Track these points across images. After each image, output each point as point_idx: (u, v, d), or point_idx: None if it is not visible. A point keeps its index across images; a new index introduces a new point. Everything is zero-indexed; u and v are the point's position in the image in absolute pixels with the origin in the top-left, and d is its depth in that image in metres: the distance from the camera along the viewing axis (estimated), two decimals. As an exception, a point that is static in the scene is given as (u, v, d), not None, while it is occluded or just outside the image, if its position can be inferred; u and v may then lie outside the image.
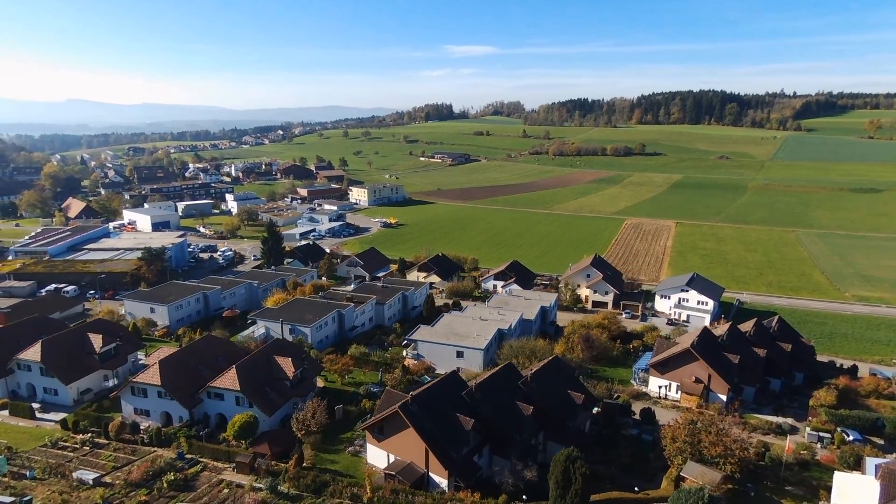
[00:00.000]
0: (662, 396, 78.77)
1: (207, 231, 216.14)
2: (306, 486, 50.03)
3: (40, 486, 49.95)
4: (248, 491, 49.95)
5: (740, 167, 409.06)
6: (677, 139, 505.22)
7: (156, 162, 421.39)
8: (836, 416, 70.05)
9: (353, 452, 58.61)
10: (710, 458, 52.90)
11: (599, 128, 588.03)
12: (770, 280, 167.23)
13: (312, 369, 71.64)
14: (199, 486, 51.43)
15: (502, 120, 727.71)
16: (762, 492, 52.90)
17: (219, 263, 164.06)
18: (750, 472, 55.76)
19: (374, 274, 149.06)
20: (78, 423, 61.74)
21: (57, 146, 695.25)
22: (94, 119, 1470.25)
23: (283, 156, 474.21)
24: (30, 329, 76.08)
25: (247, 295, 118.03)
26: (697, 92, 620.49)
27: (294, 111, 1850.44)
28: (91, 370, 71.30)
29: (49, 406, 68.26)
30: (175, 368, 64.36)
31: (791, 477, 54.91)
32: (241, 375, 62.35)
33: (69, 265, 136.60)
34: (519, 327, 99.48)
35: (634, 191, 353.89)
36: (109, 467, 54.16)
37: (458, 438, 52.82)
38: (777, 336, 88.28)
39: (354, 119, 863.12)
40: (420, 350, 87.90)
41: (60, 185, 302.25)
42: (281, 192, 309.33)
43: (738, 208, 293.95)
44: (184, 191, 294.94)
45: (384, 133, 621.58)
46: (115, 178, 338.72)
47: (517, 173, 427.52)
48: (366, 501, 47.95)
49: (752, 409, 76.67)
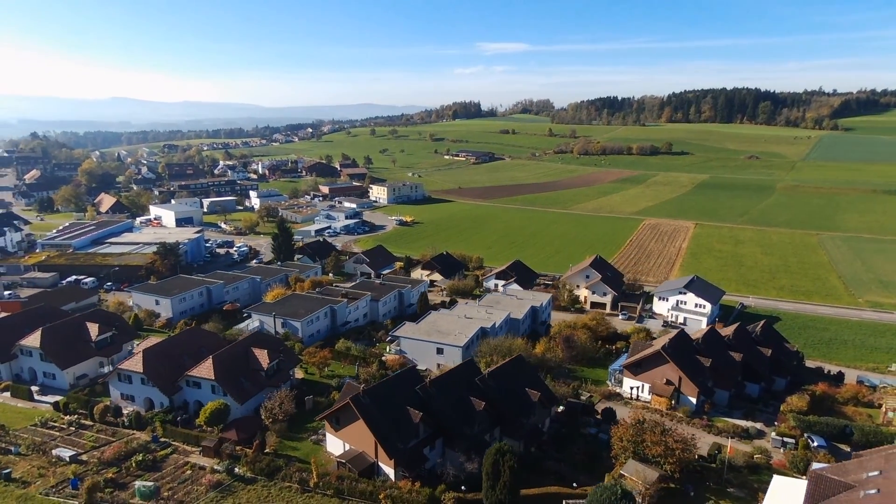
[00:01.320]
0: (634, 397, 79.65)
1: (228, 227, 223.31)
2: (261, 470, 53.38)
3: (22, 462, 54.63)
4: (208, 472, 53.57)
5: (770, 167, 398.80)
6: (706, 138, 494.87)
7: (188, 159, 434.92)
8: (804, 422, 69.87)
9: (315, 441, 61.82)
10: (651, 457, 54.13)
11: (627, 126, 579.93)
12: (782, 284, 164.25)
13: (289, 361, 75.18)
14: (166, 466, 55.34)
15: (530, 118, 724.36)
16: (702, 492, 53.85)
17: (233, 259, 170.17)
18: (696, 472, 56.75)
19: (378, 271, 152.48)
20: (68, 405, 66.66)
21: (99, 143, 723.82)
22: (136, 116, 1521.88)
23: (310, 153, 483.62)
24: (36, 317, 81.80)
25: (250, 289, 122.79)
26: (731, 90, 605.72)
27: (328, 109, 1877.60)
28: (87, 357, 76.43)
29: (47, 389, 73.64)
30: (158, 358, 68.70)
31: (735, 479, 55.64)
32: (216, 365, 66.24)
33: (89, 258, 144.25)
34: (506, 326, 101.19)
35: (657, 191, 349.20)
36: (88, 447, 58.61)
37: (407, 430, 55.38)
38: (759, 341, 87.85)
39: (384, 117, 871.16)
40: (403, 346, 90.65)
41: (96, 181, 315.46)
42: (303, 189, 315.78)
43: (763, 210, 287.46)
44: (210, 187, 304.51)
45: (411, 131, 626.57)
46: (148, 175, 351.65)
47: (540, 172, 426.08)
48: (312, 486, 50.98)
49: (723, 412, 76.93)
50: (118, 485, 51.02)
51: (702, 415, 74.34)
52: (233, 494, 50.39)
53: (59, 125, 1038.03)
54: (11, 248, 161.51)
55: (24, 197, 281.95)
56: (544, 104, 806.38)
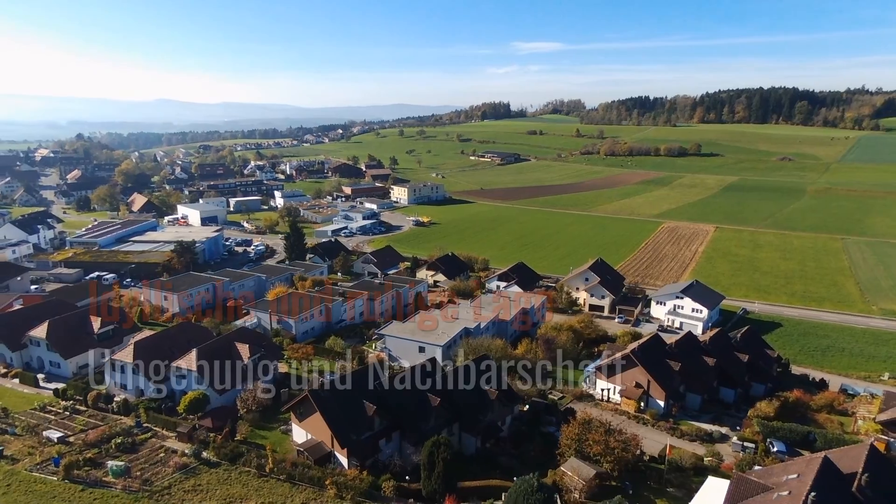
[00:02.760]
0: (605, 399, 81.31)
1: (249, 226, 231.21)
2: (225, 455, 57.73)
3: (16, 441, 60.39)
4: (178, 456, 58.25)
5: (802, 169, 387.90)
6: (738, 139, 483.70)
7: (220, 159, 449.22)
8: (767, 428, 70.51)
9: (283, 431, 65.97)
10: (592, 455, 56.26)
11: (657, 127, 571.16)
12: (795, 290, 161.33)
13: (271, 355, 79.68)
14: (143, 449, 60.30)
15: (559, 118, 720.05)
16: (641, 491, 55.68)
17: (249, 257, 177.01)
18: (640, 472, 58.54)
19: (385, 271, 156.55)
20: (66, 391, 72.63)
21: (141, 143, 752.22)
22: (178, 117, 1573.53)
23: (338, 154, 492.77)
24: (48, 310, 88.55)
25: (256, 287, 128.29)
26: (767, 89, 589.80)
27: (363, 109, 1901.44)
28: (89, 348, 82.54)
29: (52, 377, 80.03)
30: (148, 349, 74.08)
31: (676, 479, 57.18)
32: (198, 357, 71.12)
33: (112, 255, 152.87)
34: (493, 327, 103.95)
35: (682, 193, 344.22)
36: (78, 430, 64.15)
37: (362, 423, 58.89)
38: (737, 347, 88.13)
39: (415, 118, 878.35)
40: (388, 344, 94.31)
41: (131, 181, 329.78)
42: (327, 189, 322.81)
43: (790, 213, 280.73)
44: (237, 187, 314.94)
45: (439, 132, 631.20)
46: (181, 175, 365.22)
47: (564, 173, 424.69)
48: (268, 471, 55.03)
49: (693, 416, 77.95)
50: (96, 464, 56.09)
51: (668, 418, 75.59)
52: (196, 476, 54.82)
53: (105, 126, 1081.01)
54: (45, 244, 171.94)
55: (64, 196, 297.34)
56: (575, 104, 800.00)
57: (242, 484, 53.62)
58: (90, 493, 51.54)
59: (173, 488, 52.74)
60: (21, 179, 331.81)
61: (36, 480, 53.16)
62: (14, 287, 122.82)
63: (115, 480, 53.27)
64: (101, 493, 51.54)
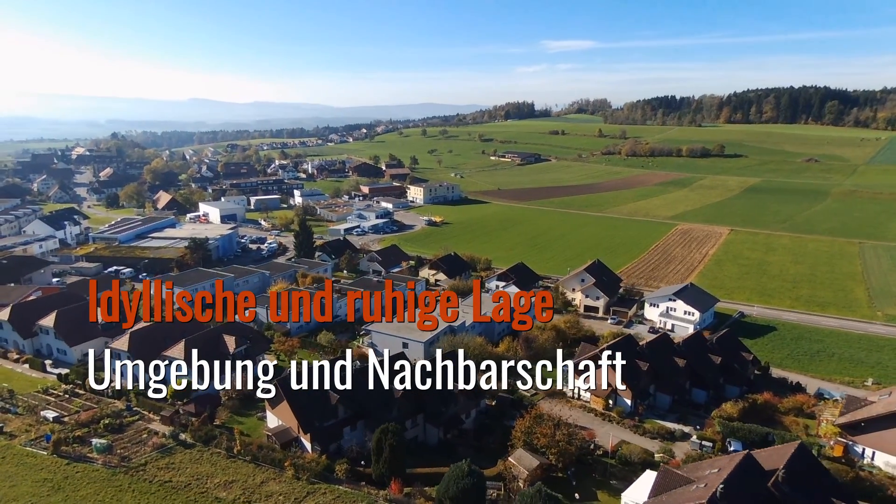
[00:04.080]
0: (576, 396, 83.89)
1: (266, 224, 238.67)
2: (199, 438, 62.61)
3: (16, 420, 66.43)
4: (158, 437, 63.39)
5: (828, 171, 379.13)
6: (764, 140, 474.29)
7: (246, 158, 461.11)
8: (728, 428, 72.23)
9: (259, 417, 70.68)
10: (539, 447, 59.33)
11: (682, 127, 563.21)
12: (799, 294, 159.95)
13: (257, 348, 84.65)
14: (128, 430, 65.68)
15: (583, 118, 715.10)
16: (585, 482, 58.54)
17: (261, 254, 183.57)
18: (588, 464, 61.37)
19: (389, 269, 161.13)
20: (68, 376, 78.79)
21: (174, 142, 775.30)
22: (211, 116, 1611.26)
23: (361, 153, 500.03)
24: (59, 301, 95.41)
25: (260, 283, 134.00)
26: (797, 88, 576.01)
27: (392, 108, 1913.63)
28: (93, 337, 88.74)
29: (59, 363, 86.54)
30: (142, 339, 79.79)
31: (619, 472, 59.76)
32: (187, 347, 76.41)
33: (130, 251, 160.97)
34: (479, 325, 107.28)
35: (702, 194, 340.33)
36: (73, 411, 69.94)
37: (326, 411, 63.07)
38: (712, 349, 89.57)
39: (440, 117, 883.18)
40: (374, 339, 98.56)
41: (159, 179, 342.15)
42: (345, 189, 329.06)
43: (810, 216, 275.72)
44: (258, 186, 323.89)
45: (461, 131, 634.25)
46: (206, 174, 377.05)
47: (584, 174, 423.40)
48: (235, 452, 59.65)
49: (660, 415, 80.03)
50: (83, 441, 61.54)
51: (634, 416, 77.91)
52: (171, 455, 59.80)
53: (141, 125, 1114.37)
54: (71, 240, 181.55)
55: (96, 193, 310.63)
56: (601, 104, 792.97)
57: (212, 464, 58.32)
58: (74, 466, 56.95)
59: (148, 465, 57.80)
60: (56, 177, 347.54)
61: (28, 454, 58.89)
62: (36, 279, 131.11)
63: (97, 456, 58.59)
64: (84, 467, 56.89)
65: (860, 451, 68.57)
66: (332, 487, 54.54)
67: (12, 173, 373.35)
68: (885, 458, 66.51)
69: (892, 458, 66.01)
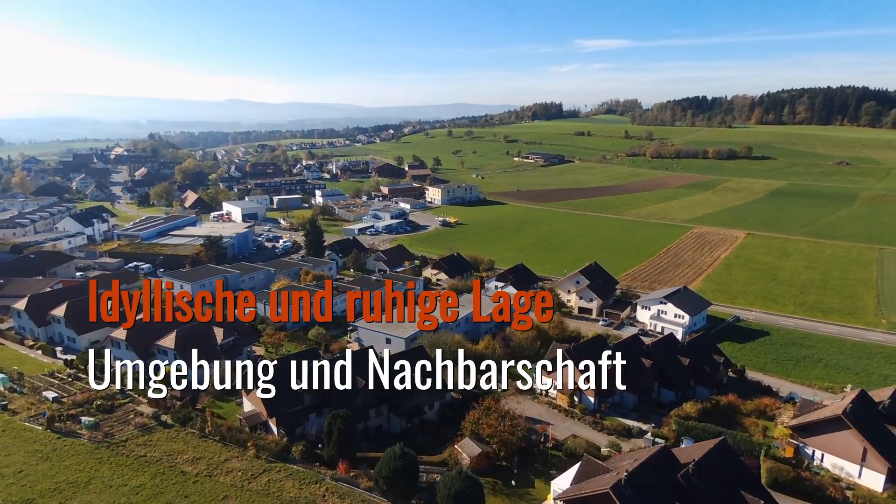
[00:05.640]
0: (544, 393, 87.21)
1: (285, 223, 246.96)
2: (178, 419, 68.63)
3: (21, 399, 73.76)
4: (142, 417, 69.71)
5: (860, 174, 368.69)
6: (795, 142, 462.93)
7: (274, 159, 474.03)
8: (683, 426, 74.66)
9: (238, 403, 76.44)
10: (484, 437, 63.27)
11: (711, 128, 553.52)
12: (805, 300, 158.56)
13: (246, 339, 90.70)
14: (117, 411, 72.23)
15: (611, 119, 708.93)
16: (526, 471, 62.20)
17: (275, 252, 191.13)
18: (531, 455, 64.98)
19: (393, 269, 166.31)
20: (73, 362, 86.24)
21: (209, 142, 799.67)
22: (246, 117, 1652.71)
23: (386, 154, 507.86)
24: (72, 293, 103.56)
25: (265, 280, 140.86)
26: (835, 88, 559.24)
27: (423, 108, 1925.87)
28: (100, 326, 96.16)
29: (68, 350, 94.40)
30: (140, 329, 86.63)
31: (559, 463, 63.16)
32: (178, 337, 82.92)
33: (150, 247, 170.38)
34: (465, 323, 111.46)
35: (724, 197, 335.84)
36: (73, 392, 77.01)
37: (293, 398, 68.25)
38: (682, 351, 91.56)
39: (468, 118, 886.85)
40: (360, 335, 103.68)
41: (189, 179, 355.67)
42: (366, 189, 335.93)
43: (833, 221, 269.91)
44: (282, 186, 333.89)
45: (486, 132, 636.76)
46: (234, 174, 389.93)
47: (606, 176, 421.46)
48: (207, 433, 65.39)
49: (623, 413, 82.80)
50: (75, 419, 68.26)
51: (596, 413, 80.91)
52: (150, 433, 65.97)
53: (180, 125, 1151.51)
54: (98, 237, 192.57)
55: (129, 192, 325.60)
56: (631, 104, 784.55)
57: (185, 442, 64.19)
58: (63, 440, 63.57)
59: (129, 442, 64.02)
60: (94, 176, 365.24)
61: (25, 429, 65.85)
62: (60, 273, 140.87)
63: (84, 432, 65.13)
64: (72, 442, 63.47)
65: (810, 453, 70.19)
66: (287, 466, 59.65)
67: (53, 172, 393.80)
68: (833, 461, 68.10)
69: (839, 461, 67.59)
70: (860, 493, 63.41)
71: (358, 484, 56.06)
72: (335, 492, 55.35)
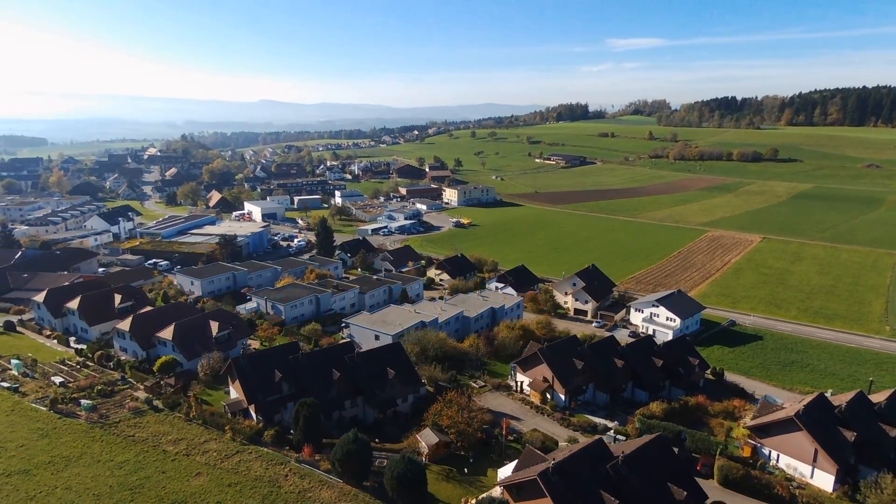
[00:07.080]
0: (518, 390, 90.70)
1: (302, 223, 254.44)
2: (167, 405, 74.60)
3: (32, 383, 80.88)
4: (137, 402, 75.96)
5: (889, 177, 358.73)
6: (824, 143, 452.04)
7: (300, 159, 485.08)
8: (646, 425, 77.27)
9: (226, 391, 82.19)
10: (442, 427, 67.39)
11: (738, 129, 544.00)
12: (810, 306, 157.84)
13: (240, 333, 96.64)
14: (115, 396, 78.68)
15: (636, 120, 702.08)
16: (482, 460, 66.10)
17: (289, 251, 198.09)
18: (490, 445, 68.80)
19: (399, 269, 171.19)
20: (82, 351, 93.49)
21: (240, 142, 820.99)
22: (278, 117, 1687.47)
23: (410, 155, 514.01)
24: (87, 287, 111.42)
25: (272, 277, 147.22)
26: (870, 88, 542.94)
27: (453, 109, 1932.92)
28: (111, 319, 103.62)
29: (81, 339, 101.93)
30: (144, 322, 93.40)
31: (515, 455, 66.69)
32: (176, 330, 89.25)
33: (169, 245, 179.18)
34: (456, 322, 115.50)
35: (745, 200, 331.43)
36: (80, 378, 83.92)
37: (271, 388, 73.56)
38: (657, 353, 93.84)
39: (494, 118, 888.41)
40: (352, 331, 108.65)
41: (216, 179, 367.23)
42: (385, 190, 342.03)
43: (855, 225, 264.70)
44: (303, 186, 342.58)
45: (510, 133, 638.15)
46: (259, 174, 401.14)
47: (627, 177, 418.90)
48: (191, 417, 71.14)
49: (592, 410, 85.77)
50: (76, 401, 74.91)
51: (566, 410, 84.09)
52: (142, 416, 72.04)
53: (213, 126, 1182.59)
54: (123, 235, 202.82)
55: (159, 191, 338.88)
56: (659, 105, 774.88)
57: (171, 425, 69.99)
58: (63, 420, 70.11)
59: (121, 423, 70.14)
60: (127, 176, 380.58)
61: (31, 409, 72.64)
62: (84, 269, 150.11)
63: (83, 413, 71.61)
64: (71, 422, 69.92)
65: (767, 453, 72.15)
66: (258, 449, 64.79)
67: (89, 172, 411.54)
68: (787, 461, 70.01)
69: (792, 461, 69.48)
70: (809, 492, 65.39)
71: (318, 466, 60.77)
72: (297, 472, 60.19)
